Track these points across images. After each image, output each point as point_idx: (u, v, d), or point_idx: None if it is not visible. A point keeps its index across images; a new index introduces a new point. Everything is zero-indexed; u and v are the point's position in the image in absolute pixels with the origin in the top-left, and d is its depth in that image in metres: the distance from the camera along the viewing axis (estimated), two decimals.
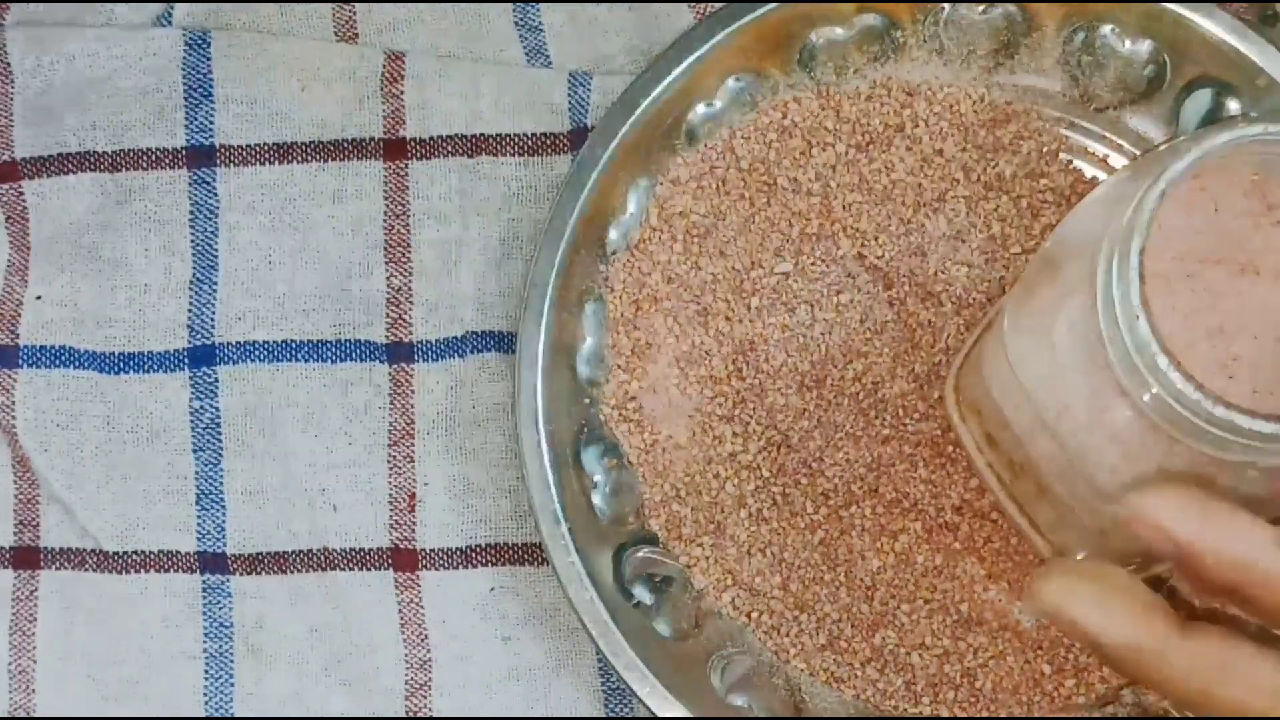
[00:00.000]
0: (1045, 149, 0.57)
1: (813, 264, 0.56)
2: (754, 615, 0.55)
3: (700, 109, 0.57)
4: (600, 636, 0.53)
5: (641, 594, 0.55)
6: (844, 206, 0.56)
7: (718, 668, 0.54)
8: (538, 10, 0.60)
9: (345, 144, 0.59)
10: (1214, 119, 0.56)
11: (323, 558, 0.57)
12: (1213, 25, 0.55)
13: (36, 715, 0.58)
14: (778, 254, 0.56)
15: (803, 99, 0.57)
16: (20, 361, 0.58)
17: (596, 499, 0.55)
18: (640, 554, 0.55)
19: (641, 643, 0.53)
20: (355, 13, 0.60)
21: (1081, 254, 0.43)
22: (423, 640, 0.57)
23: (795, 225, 0.56)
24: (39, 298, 0.59)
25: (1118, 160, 0.57)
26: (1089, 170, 0.57)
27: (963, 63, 0.57)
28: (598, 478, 0.55)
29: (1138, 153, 0.57)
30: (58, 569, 0.58)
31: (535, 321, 0.54)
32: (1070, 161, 0.57)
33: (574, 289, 0.55)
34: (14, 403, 0.58)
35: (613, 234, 0.56)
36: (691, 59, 0.56)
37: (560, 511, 0.54)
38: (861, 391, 0.55)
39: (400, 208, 0.58)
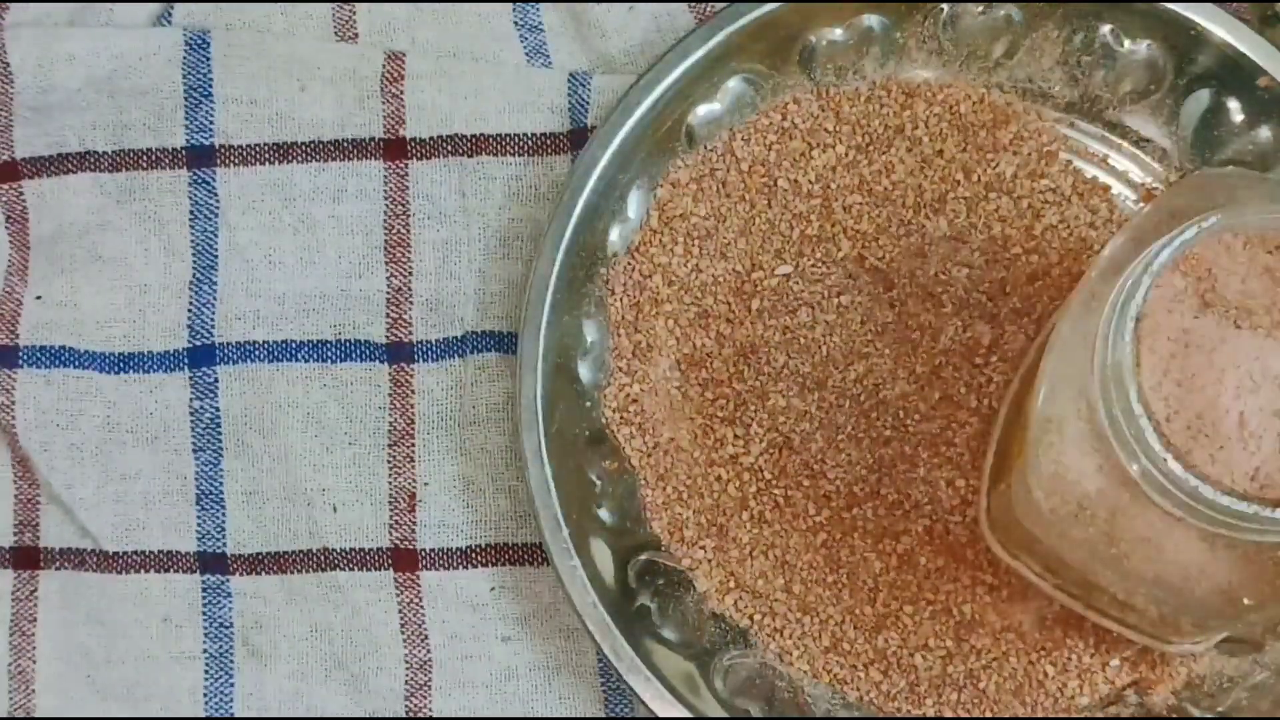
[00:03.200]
0: (1045, 149, 0.56)
1: (813, 266, 0.56)
2: (757, 617, 0.55)
3: (700, 110, 0.57)
4: (603, 640, 0.53)
5: (644, 597, 0.55)
6: (844, 208, 0.56)
7: (720, 670, 0.54)
8: (538, 10, 0.60)
9: (345, 144, 0.59)
10: (1214, 119, 0.56)
11: (323, 558, 0.57)
12: (1213, 25, 0.55)
13: (36, 715, 0.58)
14: (778, 256, 0.56)
15: (802, 100, 0.57)
16: (20, 361, 0.58)
17: (598, 502, 0.55)
18: (642, 557, 0.55)
19: (644, 646, 0.53)
20: (355, 13, 0.60)
21: (1079, 399, 0.43)
22: (423, 640, 0.57)
23: (796, 227, 0.56)
24: (39, 298, 0.59)
25: (1118, 160, 0.57)
26: (1089, 170, 0.57)
27: (962, 63, 0.57)
28: (599, 481, 0.55)
29: (1138, 152, 0.57)
30: (58, 569, 0.58)
31: (536, 324, 0.54)
32: (1070, 162, 0.56)
33: (574, 291, 0.56)
34: (14, 403, 0.58)
35: (613, 236, 0.56)
36: (691, 60, 0.56)
37: (562, 515, 0.54)
38: (863, 393, 0.55)
39: (400, 208, 0.58)
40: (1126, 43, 0.56)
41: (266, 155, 0.59)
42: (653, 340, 0.56)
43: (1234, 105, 0.56)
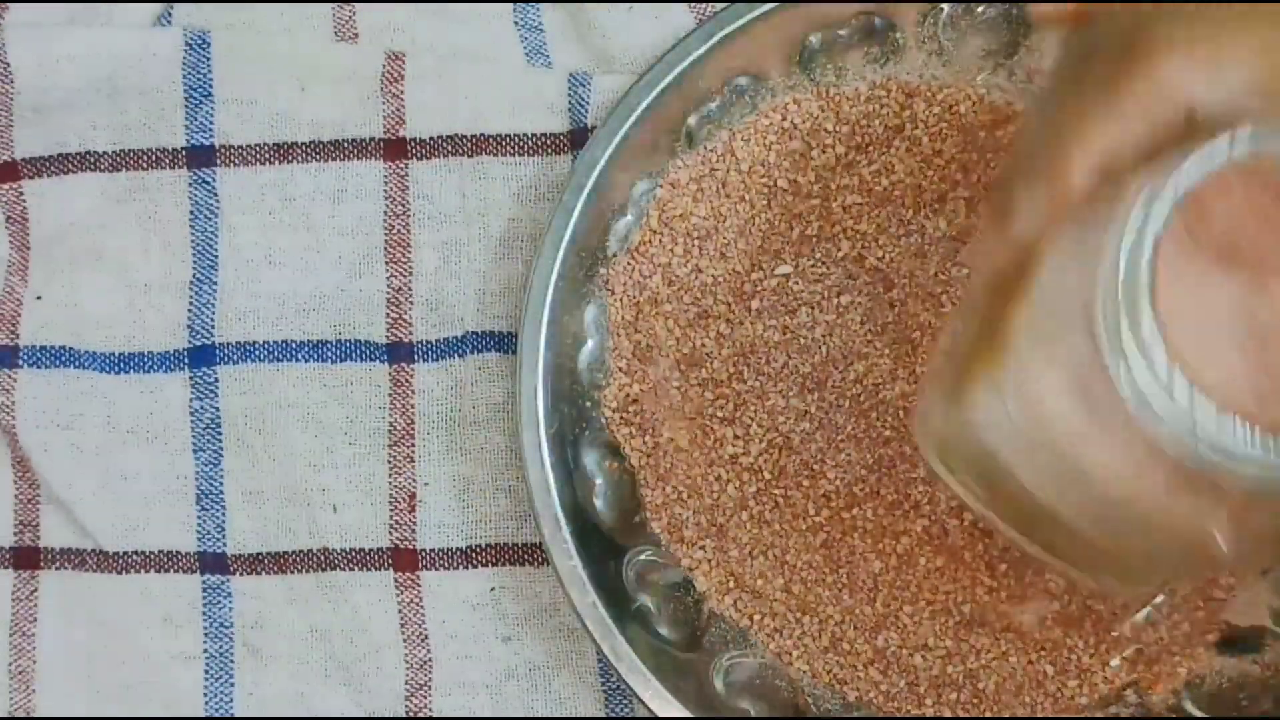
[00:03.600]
0: None
1: (813, 266, 0.56)
2: (756, 618, 0.55)
3: (700, 111, 0.57)
4: (603, 639, 0.53)
5: (644, 597, 0.55)
6: (844, 208, 0.56)
7: (720, 670, 0.54)
8: (538, 10, 0.60)
9: (345, 144, 0.59)
10: None
11: (323, 558, 0.58)
12: None
13: (36, 715, 0.58)
14: (778, 256, 0.56)
15: (802, 100, 0.57)
16: (20, 361, 0.58)
17: (598, 502, 0.55)
18: (642, 557, 0.55)
19: (644, 646, 0.53)
20: (355, 13, 0.60)
21: (1073, 317, 0.43)
22: (423, 640, 0.57)
23: (795, 227, 0.56)
24: (39, 298, 0.59)
25: None
26: None
27: (962, 63, 0.57)
28: (599, 480, 0.55)
29: None
30: (58, 569, 0.58)
31: (536, 324, 0.54)
32: None
33: (574, 291, 0.56)
34: (14, 403, 0.58)
35: (613, 236, 0.56)
36: (691, 60, 0.56)
37: (561, 515, 0.54)
38: (862, 393, 0.55)
39: (400, 208, 0.58)
40: None
41: (266, 155, 0.59)
42: (653, 340, 0.56)
43: None
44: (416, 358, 0.58)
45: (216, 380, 0.58)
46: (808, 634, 0.55)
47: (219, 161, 0.59)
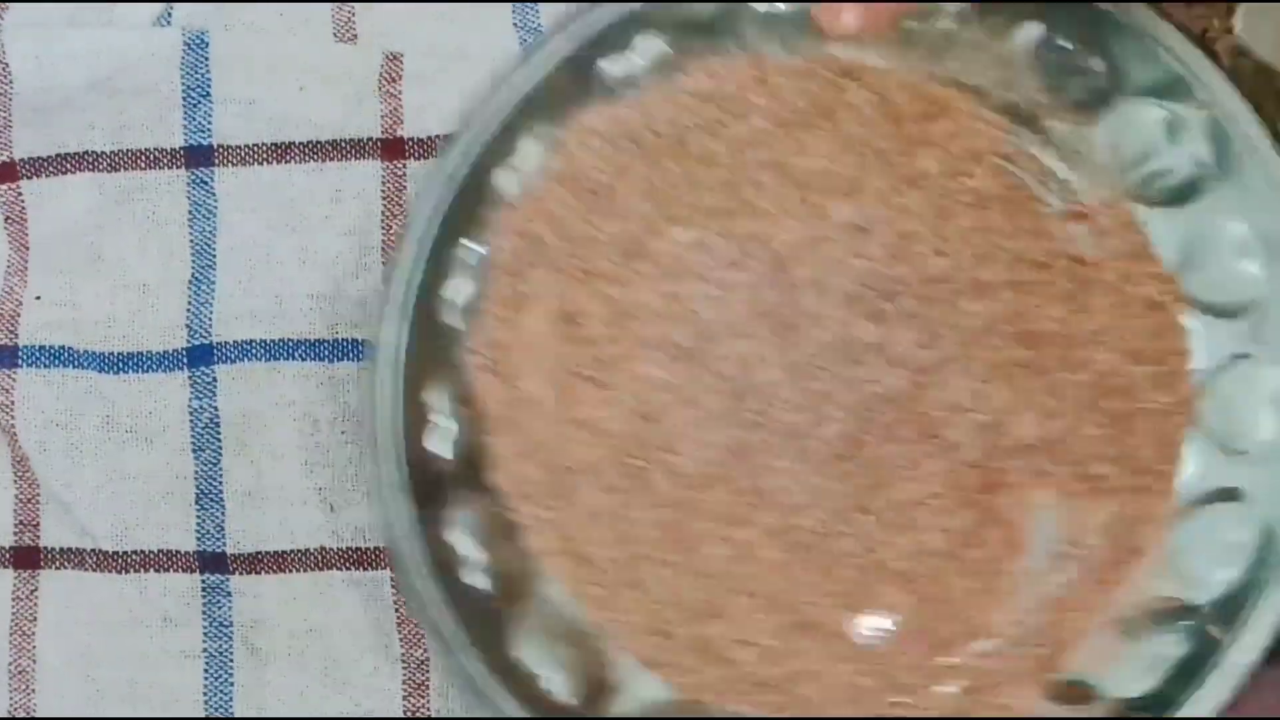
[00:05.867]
0: (977, 148, 0.54)
1: (709, 237, 0.54)
2: (584, 586, 0.54)
3: (620, 62, 0.55)
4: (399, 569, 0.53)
5: (467, 547, 0.54)
6: (752, 183, 0.55)
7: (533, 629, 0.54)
8: (537, 10, 0.60)
9: (343, 144, 0.59)
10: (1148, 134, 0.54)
11: (321, 557, 0.57)
12: (1157, 32, 0.53)
13: (36, 715, 0.58)
14: (674, 222, 0.55)
15: (730, 67, 0.55)
16: (20, 361, 0.59)
17: (443, 447, 0.55)
18: (476, 506, 0.54)
19: (454, 591, 0.53)
20: (355, 13, 0.60)
21: None
22: (421, 639, 0.57)
23: (698, 196, 0.55)
24: (38, 298, 0.59)
25: (1058, 168, 0.54)
26: (1023, 177, 0.54)
27: (909, 50, 0.55)
28: (447, 424, 0.55)
29: (1075, 163, 0.54)
30: (58, 569, 0.59)
31: (415, 258, 0.54)
32: (1002, 166, 0.54)
33: (459, 232, 0.55)
34: (14, 403, 0.59)
35: (508, 180, 0.55)
36: (627, 12, 0.55)
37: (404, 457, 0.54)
38: (735, 374, 0.54)
39: (398, 208, 0.58)
40: (1073, 47, 0.54)
41: (265, 155, 0.59)
42: (530, 289, 0.55)
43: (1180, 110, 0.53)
44: None
45: (215, 380, 0.58)
46: (632, 610, 0.53)
47: (217, 161, 0.59)
